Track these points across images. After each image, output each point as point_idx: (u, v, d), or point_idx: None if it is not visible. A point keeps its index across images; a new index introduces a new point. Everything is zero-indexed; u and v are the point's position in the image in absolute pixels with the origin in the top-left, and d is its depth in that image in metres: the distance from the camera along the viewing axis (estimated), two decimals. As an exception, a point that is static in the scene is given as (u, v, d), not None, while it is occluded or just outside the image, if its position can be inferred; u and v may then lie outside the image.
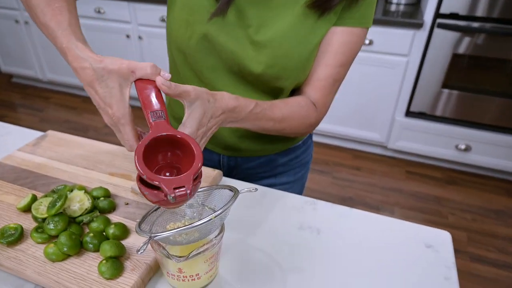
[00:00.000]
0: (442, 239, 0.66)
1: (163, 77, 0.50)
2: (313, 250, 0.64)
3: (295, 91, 0.77)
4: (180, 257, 0.47)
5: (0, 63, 3.30)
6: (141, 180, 0.44)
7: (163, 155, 0.49)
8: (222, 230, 0.52)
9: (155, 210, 0.56)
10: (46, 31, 0.57)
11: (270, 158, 0.87)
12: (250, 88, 0.74)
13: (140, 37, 2.58)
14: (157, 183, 0.42)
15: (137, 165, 0.43)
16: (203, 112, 0.54)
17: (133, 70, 0.49)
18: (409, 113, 2.24)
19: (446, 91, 2.09)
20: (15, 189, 0.72)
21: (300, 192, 0.98)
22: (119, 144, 0.76)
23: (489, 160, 2.20)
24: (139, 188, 0.45)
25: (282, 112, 0.69)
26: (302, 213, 0.71)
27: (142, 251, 0.43)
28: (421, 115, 2.22)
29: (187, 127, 0.52)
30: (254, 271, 0.60)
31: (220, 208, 0.46)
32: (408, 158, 2.49)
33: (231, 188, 0.53)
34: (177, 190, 0.42)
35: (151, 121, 0.48)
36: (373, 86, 2.24)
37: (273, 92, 0.75)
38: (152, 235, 0.44)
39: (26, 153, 0.83)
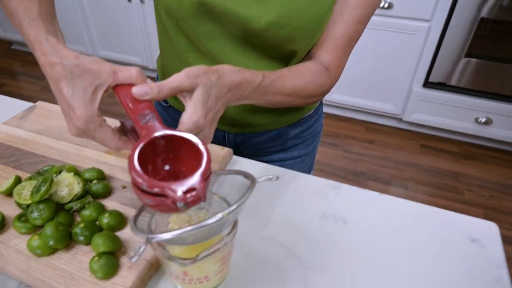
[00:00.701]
0: (489, 231, 0.57)
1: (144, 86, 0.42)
2: (338, 243, 0.55)
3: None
4: (185, 259, 0.39)
5: (-3, 28, 3.17)
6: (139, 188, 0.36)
7: (162, 160, 0.41)
8: (235, 226, 0.43)
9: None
10: (13, 20, 0.49)
11: (280, 131, 0.78)
12: (257, 55, 0.64)
13: (142, 0, 2.42)
14: (161, 190, 0.34)
15: (133, 173, 0.35)
16: (208, 95, 0.44)
17: (116, 71, 0.42)
18: (427, 84, 2.10)
19: (468, 60, 1.95)
20: (-2, 169, 0.63)
21: (311, 166, 0.91)
22: (118, 116, 0.67)
23: (510, 134, 2.08)
24: (138, 196, 0.36)
25: (292, 83, 0.60)
26: (325, 199, 0.62)
27: (137, 258, 0.34)
28: (440, 86, 2.09)
29: (192, 118, 0.43)
30: (270, 269, 0.52)
31: (235, 203, 0.37)
32: (424, 131, 2.38)
33: (247, 175, 0.44)
34: (188, 195, 0.34)
35: (141, 124, 0.40)
36: (390, 54, 2.09)
37: (284, 57, 0.65)
38: (150, 236, 0.36)
39: (11, 127, 0.73)
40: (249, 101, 0.56)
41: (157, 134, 0.39)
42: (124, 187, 0.60)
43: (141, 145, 0.38)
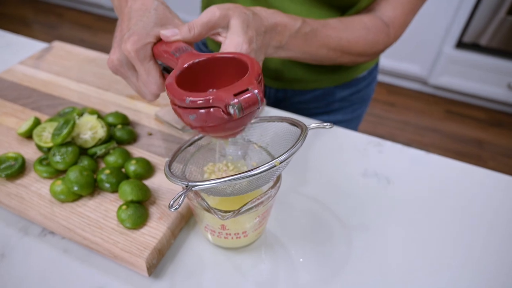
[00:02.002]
0: (550, 198, 0.51)
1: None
2: (382, 203, 0.51)
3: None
4: (226, 212, 0.34)
5: (8, -27, 3.05)
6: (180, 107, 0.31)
7: (202, 87, 0.35)
8: (279, 179, 0.38)
9: (189, 145, 0.42)
10: None
11: (327, 91, 0.70)
12: (312, 1, 0.56)
13: None
14: (207, 99, 0.29)
15: (171, 90, 0.31)
16: (246, 25, 0.39)
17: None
18: (460, 44, 1.97)
19: (508, 18, 1.80)
20: (16, 109, 0.59)
21: None
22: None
23: (544, 102, 1.97)
24: (180, 115, 0.31)
25: (339, 36, 0.52)
26: (366, 157, 0.57)
27: (177, 207, 0.30)
28: (474, 47, 1.96)
29: (233, 42, 0.38)
30: (308, 228, 0.48)
31: (287, 151, 0.32)
32: (449, 96, 2.27)
33: (295, 122, 0.38)
34: (241, 96, 0.28)
35: (176, 56, 0.36)
36: (421, 11, 1.94)
37: (342, 6, 0.57)
38: (190, 183, 0.31)
39: (28, 67, 0.69)
40: (289, 53, 0.49)
41: (195, 60, 0.34)
42: (150, 134, 0.56)
43: (178, 71, 0.33)
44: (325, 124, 0.38)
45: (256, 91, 0.28)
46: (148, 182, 0.48)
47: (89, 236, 0.42)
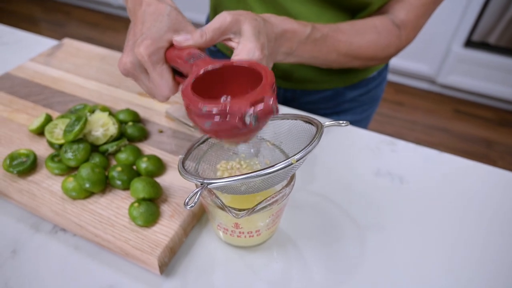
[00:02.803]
0: None
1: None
2: (395, 202, 0.50)
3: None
4: (240, 210, 0.34)
5: (16, -29, 3.07)
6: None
7: (215, 94, 0.35)
8: (293, 178, 0.38)
9: (202, 143, 0.42)
10: None
11: (336, 92, 0.70)
12: (323, 3, 0.56)
13: None
14: (223, 106, 0.28)
15: (187, 97, 0.31)
16: (258, 31, 0.39)
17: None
18: (469, 43, 1.95)
19: (519, 17, 1.78)
20: (27, 106, 0.59)
21: None
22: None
23: (554, 102, 1.95)
24: (194, 121, 0.31)
25: (350, 41, 0.51)
26: (379, 156, 0.57)
27: (192, 205, 0.29)
28: (482, 46, 1.93)
29: (246, 48, 0.38)
30: (320, 227, 0.47)
31: (302, 150, 0.31)
32: (458, 96, 2.25)
33: (310, 120, 0.38)
34: (257, 106, 0.28)
35: (190, 63, 0.36)
36: (432, 10, 1.92)
37: (353, 8, 0.56)
38: (206, 181, 0.31)
39: (39, 64, 0.69)
40: (299, 58, 0.49)
41: (210, 67, 0.33)
42: (161, 132, 0.55)
43: (193, 78, 0.32)
44: (341, 122, 0.37)
45: (271, 101, 0.29)
46: (159, 180, 0.48)
47: (100, 234, 0.42)
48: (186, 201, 0.30)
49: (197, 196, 0.30)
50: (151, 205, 0.43)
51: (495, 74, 1.98)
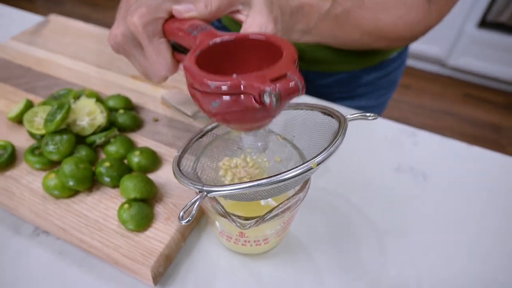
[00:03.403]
0: None
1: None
2: (418, 202, 0.45)
3: None
4: (247, 219, 0.29)
5: None
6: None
7: (223, 72, 0.29)
8: (308, 181, 0.32)
9: (202, 136, 0.36)
10: None
11: (352, 75, 0.63)
12: None
13: None
14: (237, 83, 0.23)
15: (191, 71, 0.25)
16: (270, 2, 0.33)
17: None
18: (483, 24, 1.86)
19: (538, -4, 1.69)
20: (7, 90, 0.53)
21: None
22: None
23: None
24: (198, 101, 0.25)
25: (375, 17, 0.45)
26: (399, 149, 0.51)
27: (189, 219, 0.24)
28: (498, 27, 1.84)
29: (256, 21, 0.32)
30: (334, 231, 0.42)
31: (324, 151, 0.26)
32: (468, 79, 2.17)
33: (330, 112, 0.32)
34: (279, 83, 0.22)
35: (192, 35, 0.30)
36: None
37: None
38: (205, 188, 0.25)
39: (22, 44, 0.62)
40: (317, 37, 0.43)
41: (218, 39, 0.27)
42: (156, 120, 0.49)
43: (199, 51, 0.27)
44: (368, 114, 0.31)
45: (295, 77, 0.23)
46: (153, 176, 0.43)
47: (86, 239, 0.37)
48: (181, 214, 0.24)
49: (194, 207, 0.25)
50: (144, 207, 0.38)
51: (509, 57, 1.89)
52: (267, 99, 0.22)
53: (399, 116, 2.00)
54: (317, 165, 0.25)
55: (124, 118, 0.47)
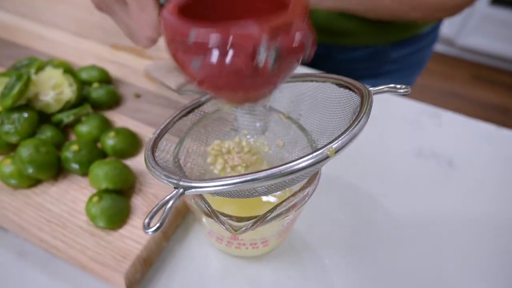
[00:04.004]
0: None
1: None
2: (443, 192, 0.38)
3: None
4: (241, 220, 0.22)
5: None
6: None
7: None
8: (318, 172, 0.25)
9: (187, 113, 0.29)
10: None
11: (379, 50, 0.56)
12: None
13: None
14: (226, 31, 0.17)
15: (168, 19, 0.20)
16: None
17: None
18: (496, 0, 1.76)
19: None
20: (-34, 61, 0.46)
21: None
22: None
23: None
24: (178, 60, 0.20)
25: None
26: (420, 131, 0.44)
27: (158, 226, 0.17)
28: (511, 4, 1.75)
29: None
30: (346, 228, 0.35)
31: (343, 134, 0.19)
32: (477, 60, 2.08)
33: (346, 83, 0.25)
34: (280, 34, 0.17)
35: None
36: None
37: None
38: (183, 183, 0.19)
39: (-13, 8, 0.54)
40: (340, 2, 0.35)
41: None
42: (138, 96, 0.42)
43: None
44: (399, 86, 0.24)
45: (302, 29, 0.18)
46: (132, 162, 0.36)
47: (47, 238, 0.30)
48: (146, 221, 0.17)
49: (166, 208, 0.18)
50: (118, 199, 0.31)
51: (522, 36, 1.80)
52: (262, 56, 0.16)
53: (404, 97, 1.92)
54: (335, 152, 0.18)
55: (99, 93, 0.40)
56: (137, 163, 0.36)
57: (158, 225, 0.17)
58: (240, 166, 0.27)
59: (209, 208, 0.23)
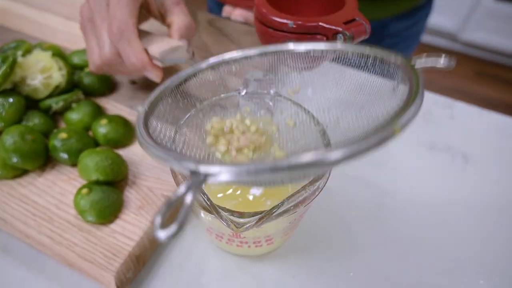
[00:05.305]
0: None
1: None
2: (458, 189, 0.36)
3: None
4: (243, 216, 0.19)
5: None
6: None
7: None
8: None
9: (182, 83, 0.25)
10: None
11: (379, 24, 0.54)
12: None
13: None
14: (316, 23, 0.26)
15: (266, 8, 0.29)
16: None
17: None
18: (502, -5, 1.73)
19: None
20: (-49, 44, 0.43)
21: None
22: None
23: None
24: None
25: None
26: (433, 123, 0.41)
27: (176, 229, 0.14)
28: (517, -2, 1.71)
29: None
30: (354, 225, 0.33)
31: (404, 111, 0.17)
32: (481, 56, 2.05)
33: (377, 55, 0.23)
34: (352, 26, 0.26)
35: None
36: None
37: None
38: (202, 167, 0.15)
39: (-24, -10, 0.51)
40: None
41: None
42: (134, 82, 0.40)
43: None
44: (439, 58, 0.21)
45: (364, 21, 0.27)
46: (125, 152, 0.33)
47: (32, 233, 0.28)
48: (158, 220, 0.14)
49: (185, 205, 0.15)
50: (109, 192, 0.29)
51: (526, 32, 1.77)
52: (340, 41, 0.23)
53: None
54: (400, 129, 0.16)
55: (92, 78, 0.37)
56: (131, 153, 0.33)
57: (176, 228, 0.14)
58: (248, 148, 0.24)
59: (208, 202, 0.20)
